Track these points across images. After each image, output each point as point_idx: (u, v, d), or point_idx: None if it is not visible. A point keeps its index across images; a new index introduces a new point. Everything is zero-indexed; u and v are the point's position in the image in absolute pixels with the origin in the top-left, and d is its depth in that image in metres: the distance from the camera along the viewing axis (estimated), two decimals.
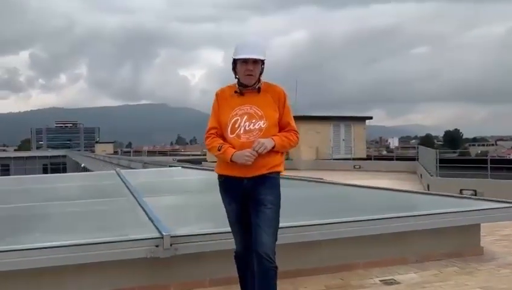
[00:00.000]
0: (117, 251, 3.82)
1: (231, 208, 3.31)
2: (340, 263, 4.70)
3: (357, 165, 24.18)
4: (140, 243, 3.88)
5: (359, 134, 28.33)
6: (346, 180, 18.13)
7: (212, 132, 3.30)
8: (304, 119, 26.41)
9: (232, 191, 3.26)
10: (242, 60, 3.16)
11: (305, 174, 22.31)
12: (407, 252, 4.97)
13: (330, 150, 26.22)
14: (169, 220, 4.51)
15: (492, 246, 5.86)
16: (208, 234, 4.08)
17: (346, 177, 19.49)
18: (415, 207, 5.22)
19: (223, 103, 3.29)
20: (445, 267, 4.85)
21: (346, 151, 27.05)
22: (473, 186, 10.89)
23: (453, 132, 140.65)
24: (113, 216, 4.63)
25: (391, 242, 4.88)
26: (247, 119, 3.19)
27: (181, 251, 3.96)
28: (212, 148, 3.26)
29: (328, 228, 4.49)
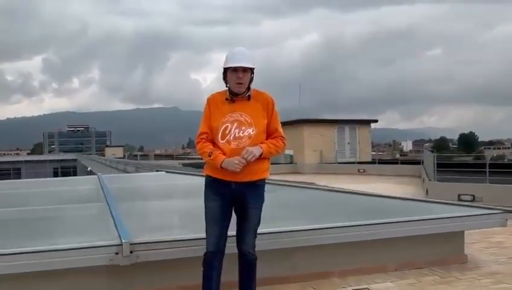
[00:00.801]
0: (75, 258, 3.72)
1: (213, 206, 3.39)
2: (314, 271, 4.54)
3: (362, 169, 23.90)
4: (100, 250, 3.77)
5: (364, 137, 28.00)
6: (348, 184, 18.01)
7: (203, 136, 3.41)
8: (307, 123, 26.24)
9: (219, 191, 3.38)
10: (232, 68, 3.31)
11: (308, 178, 22.20)
12: (387, 260, 4.79)
13: (334, 153, 25.95)
14: (138, 226, 4.41)
15: (480, 254, 5.65)
16: (170, 241, 3.96)
17: (348, 181, 19.29)
18: (394, 213, 5.03)
19: (214, 108, 3.41)
20: (424, 276, 4.67)
21: (351, 154, 26.77)
22: (472, 191, 10.64)
23: (468, 135, 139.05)
24: (80, 222, 4.54)
25: (369, 249, 4.71)
26: (237, 126, 3.33)
27: (142, 259, 3.85)
28: (203, 154, 3.38)
29: (300, 235, 4.34)
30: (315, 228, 4.39)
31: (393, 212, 5.08)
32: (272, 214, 4.94)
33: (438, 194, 11.12)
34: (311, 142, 25.78)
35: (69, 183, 6.52)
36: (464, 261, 5.13)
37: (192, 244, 3.97)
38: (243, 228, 3.42)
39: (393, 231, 4.55)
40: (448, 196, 10.82)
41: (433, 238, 4.89)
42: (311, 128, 26.07)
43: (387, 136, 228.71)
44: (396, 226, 4.56)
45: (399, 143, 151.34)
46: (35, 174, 54.05)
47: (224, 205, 3.39)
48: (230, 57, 3.36)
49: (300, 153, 25.79)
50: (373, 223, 4.50)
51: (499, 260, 5.37)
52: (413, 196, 11.78)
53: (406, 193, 13.58)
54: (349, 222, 4.56)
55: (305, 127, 25.91)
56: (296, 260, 4.50)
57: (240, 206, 3.41)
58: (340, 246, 4.53)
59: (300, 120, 26.62)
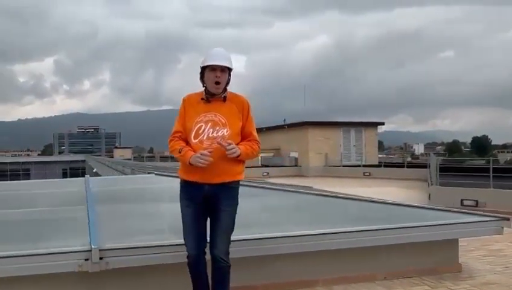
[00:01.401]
0: (42, 265, 3.58)
1: (187, 212, 3.36)
2: (297, 279, 4.35)
3: (367, 172, 23.58)
4: (68, 256, 3.62)
5: (370, 140, 27.64)
6: (350, 188, 17.77)
7: (176, 135, 3.39)
8: (312, 125, 25.97)
9: (192, 195, 3.32)
10: (211, 67, 3.29)
11: (309, 181, 21.97)
12: (375, 269, 4.59)
13: (340, 156, 25.67)
14: (114, 231, 4.26)
15: (476, 262, 5.43)
16: (143, 247, 3.80)
17: (352, 184, 19.04)
18: (382, 220, 4.82)
19: (189, 108, 3.39)
20: (414, 286, 4.46)
21: (356, 157, 26.43)
22: (475, 196, 10.35)
23: (481, 138, 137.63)
24: (53, 226, 4.39)
25: (357, 257, 4.51)
26: (211, 126, 3.30)
27: (113, 265, 3.69)
28: (174, 151, 3.36)
29: (282, 241, 4.15)
30: (297, 234, 4.20)
31: (381, 218, 4.87)
32: (256, 219, 4.78)
33: (441, 199, 10.86)
34: (315, 144, 25.51)
35: (54, 186, 6.38)
36: (458, 270, 4.91)
37: (168, 251, 3.83)
38: (215, 231, 3.34)
39: (379, 238, 4.35)
40: (450, 201, 10.58)
41: (425, 246, 4.68)
42: (316, 130, 25.78)
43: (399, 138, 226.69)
44: (382, 234, 4.36)
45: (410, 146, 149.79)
46: (44, 175, 54.33)
47: (198, 209, 3.34)
48: (209, 56, 3.34)
49: (305, 156, 25.54)
50: (358, 230, 4.31)
51: (495, 269, 5.14)
52: (416, 200, 11.54)
53: (409, 197, 13.31)
54: (333, 228, 4.36)
55: (310, 130, 25.65)
56: (278, 268, 4.32)
57: (212, 209, 3.34)
58: (324, 254, 4.34)
59: (305, 122, 26.37)
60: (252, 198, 5.38)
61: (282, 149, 28.00)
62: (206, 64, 3.32)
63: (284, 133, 28.16)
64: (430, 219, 4.75)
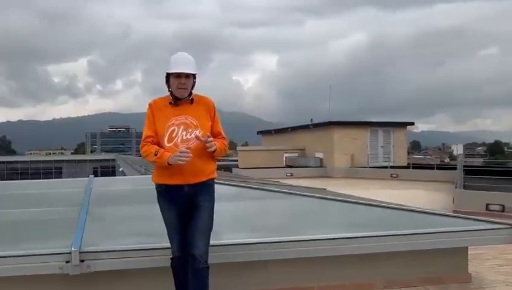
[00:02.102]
0: (23, 266, 3.53)
1: (171, 215, 3.37)
2: (290, 286, 4.17)
3: (394, 174, 22.98)
4: (50, 258, 3.56)
5: (399, 141, 26.90)
6: (376, 189, 17.37)
7: (149, 140, 3.37)
8: (338, 125, 25.50)
9: (174, 199, 3.34)
10: (175, 74, 3.30)
11: (337, 182, 21.59)
12: (374, 276, 4.36)
13: (366, 157, 25.13)
14: (104, 233, 4.17)
15: (489, 273, 5.11)
16: (128, 251, 3.70)
17: (378, 186, 18.59)
18: (385, 226, 4.57)
19: (158, 113, 3.39)
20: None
21: (384, 159, 25.83)
22: (501, 200, 9.84)
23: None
24: (42, 228, 4.34)
25: (355, 264, 4.29)
26: (184, 128, 3.33)
27: (96, 268, 3.61)
28: (149, 155, 3.31)
29: (275, 246, 3.98)
30: (291, 240, 4.01)
31: (381, 224, 4.63)
32: (250, 224, 4.61)
33: (465, 203, 10.39)
34: (341, 145, 25.01)
35: (57, 186, 6.37)
36: (466, 280, 4.62)
37: (153, 254, 3.74)
38: (195, 230, 3.30)
39: (378, 245, 4.11)
40: (475, 205, 10.12)
41: (430, 254, 4.42)
42: (342, 131, 25.28)
43: (437, 139, 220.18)
44: (380, 241, 4.11)
45: (449, 147, 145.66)
46: (75, 174, 55.54)
47: (181, 212, 3.35)
48: (173, 62, 3.35)
49: (330, 157, 25.10)
50: (353, 236, 4.08)
51: (508, 280, 4.81)
52: (441, 204, 11.09)
53: (434, 200, 12.85)
54: (331, 234, 4.15)
55: (336, 130, 25.16)
56: (271, 274, 4.15)
57: (191, 207, 3.33)
58: (320, 260, 4.14)
59: (330, 122, 25.92)
60: (249, 201, 5.24)
61: (307, 149, 27.65)
62: (170, 72, 3.33)
63: (309, 133, 27.79)
64: (436, 226, 4.48)
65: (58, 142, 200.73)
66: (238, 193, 5.32)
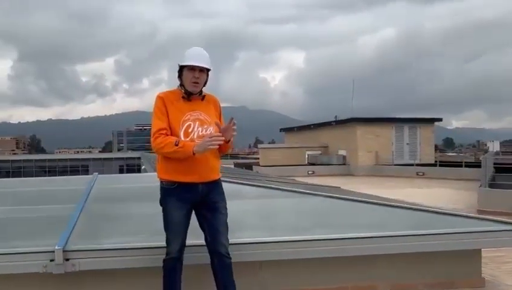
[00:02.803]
0: (8, 264, 3.47)
1: (179, 214, 3.24)
2: (286, 288, 3.96)
3: (421, 172, 22.35)
4: (35, 256, 3.46)
5: (426, 137, 26.08)
6: (400, 188, 16.91)
7: (162, 132, 3.21)
8: (361, 122, 24.97)
9: (186, 197, 3.22)
10: (189, 67, 3.23)
11: (360, 180, 21.16)
12: (377, 279, 4.13)
13: (391, 154, 24.54)
14: (96, 231, 4.04)
15: (506, 277, 4.82)
16: (114, 250, 3.58)
17: (402, 185, 18.08)
18: (390, 226, 4.32)
19: (170, 107, 3.27)
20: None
21: (410, 156, 25.17)
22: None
23: None
24: (31, 225, 4.25)
25: (357, 266, 4.07)
26: (199, 124, 3.26)
27: (80, 267, 3.50)
28: (167, 145, 3.14)
29: (270, 247, 3.78)
30: (286, 240, 3.80)
31: (390, 225, 4.37)
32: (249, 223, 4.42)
33: (490, 203, 9.90)
34: (365, 142, 24.47)
35: (59, 184, 6.32)
36: (480, 285, 4.34)
37: (140, 254, 3.61)
38: (217, 228, 3.26)
39: (378, 247, 3.86)
40: (502, 205, 9.63)
41: (439, 256, 4.15)
42: (365, 127, 24.70)
43: (472, 136, 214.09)
44: (383, 242, 3.87)
45: (484, 144, 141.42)
46: (101, 172, 56.21)
47: (189, 212, 3.27)
48: (188, 55, 3.27)
49: (353, 154, 24.62)
50: (356, 237, 3.85)
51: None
52: (466, 204, 10.62)
53: (458, 199, 12.37)
54: (331, 234, 3.92)
55: (358, 127, 24.60)
56: (265, 276, 3.96)
57: (207, 206, 3.27)
58: (317, 262, 3.92)
59: (353, 119, 25.40)
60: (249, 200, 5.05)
61: (330, 147, 27.22)
62: (185, 64, 3.25)
63: (331, 130, 27.32)
64: (445, 226, 4.20)
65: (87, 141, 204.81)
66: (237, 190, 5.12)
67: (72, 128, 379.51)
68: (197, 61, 3.23)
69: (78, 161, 63.14)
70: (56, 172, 60.25)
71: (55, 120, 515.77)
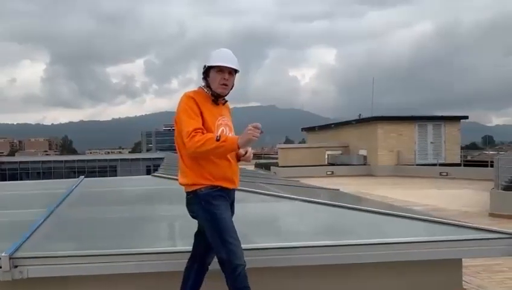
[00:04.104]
0: None
1: (227, 215, 3.04)
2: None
3: (444, 172, 21.68)
4: None
5: (452, 136, 25.17)
6: (419, 189, 16.41)
7: (199, 131, 2.96)
8: (382, 120, 24.41)
9: (228, 199, 3.10)
10: (218, 68, 3.06)
11: (379, 181, 20.67)
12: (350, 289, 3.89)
13: (414, 154, 23.88)
14: (56, 237, 3.98)
15: (496, 287, 4.54)
16: (67, 257, 3.48)
17: (423, 185, 17.54)
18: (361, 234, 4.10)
19: (204, 109, 3.06)
20: None
21: (435, 155, 24.39)
22: None
23: None
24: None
25: (325, 275, 3.84)
26: (228, 130, 3.13)
27: (30, 274, 3.41)
28: (208, 141, 2.89)
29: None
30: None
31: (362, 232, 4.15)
32: None
33: (503, 205, 9.45)
34: (386, 141, 23.89)
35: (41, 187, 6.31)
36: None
37: (95, 261, 3.47)
38: None
39: (345, 256, 3.64)
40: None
41: (417, 266, 3.89)
42: (387, 126, 24.08)
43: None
44: (349, 251, 3.64)
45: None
46: (129, 172, 57.15)
47: None
48: (217, 56, 3.09)
49: (374, 154, 24.12)
50: (323, 245, 3.65)
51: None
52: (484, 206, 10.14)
53: (475, 201, 11.86)
54: (295, 242, 3.73)
55: (379, 125, 24.01)
56: None
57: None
58: (283, 270, 3.73)
59: (374, 117, 24.86)
60: None
61: (351, 146, 26.73)
62: (214, 65, 3.06)
63: (352, 130, 26.81)
64: (418, 234, 3.97)
65: (117, 142, 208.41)
66: None
67: (103, 129, 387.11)
68: (227, 62, 3.06)
69: (107, 161, 64.29)
70: (85, 172, 61.60)
71: (87, 121, 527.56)
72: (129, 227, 4.20)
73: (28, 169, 58.71)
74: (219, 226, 2.96)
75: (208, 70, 3.09)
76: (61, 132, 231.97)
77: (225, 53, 3.11)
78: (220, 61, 3.04)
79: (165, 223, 4.43)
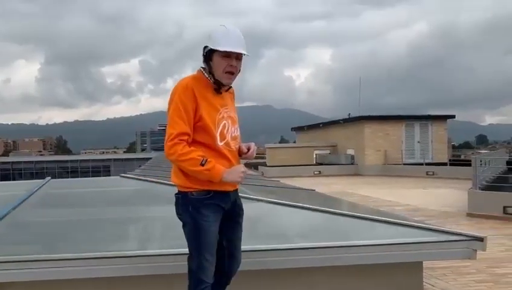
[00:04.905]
0: None
1: (215, 229, 2.70)
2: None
3: (431, 171, 21.66)
4: None
5: (439, 135, 25.17)
6: (404, 189, 16.34)
7: (184, 138, 2.58)
8: (369, 120, 24.36)
9: (221, 207, 2.71)
10: (224, 53, 2.59)
11: (366, 180, 20.60)
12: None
13: (401, 153, 23.84)
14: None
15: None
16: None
17: (408, 185, 17.46)
18: (318, 236, 4.00)
19: (203, 102, 2.62)
20: None
21: (422, 155, 24.36)
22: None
23: None
24: None
25: (278, 278, 3.74)
26: (231, 123, 2.74)
27: None
28: (192, 161, 2.55)
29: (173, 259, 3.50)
30: None
31: (319, 234, 4.06)
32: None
33: (480, 205, 9.36)
34: (373, 141, 23.83)
35: (3, 189, 6.18)
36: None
37: (26, 267, 3.31)
38: (236, 244, 2.85)
39: (296, 259, 3.54)
40: (490, 208, 9.14)
41: (372, 269, 3.80)
42: (374, 125, 23.98)
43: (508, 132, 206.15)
44: (301, 254, 3.54)
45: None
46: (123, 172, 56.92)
47: (218, 228, 2.74)
48: (223, 37, 2.59)
49: (361, 154, 24.07)
50: (266, 249, 3.53)
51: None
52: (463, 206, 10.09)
53: (456, 201, 11.80)
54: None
55: (367, 125, 23.96)
56: None
57: (229, 218, 2.79)
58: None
59: (361, 117, 24.78)
60: None
61: (339, 146, 26.67)
62: (220, 49, 2.58)
63: (340, 129, 26.75)
64: (374, 237, 3.88)
65: (112, 142, 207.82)
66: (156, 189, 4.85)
67: (98, 129, 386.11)
68: (236, 46, 2.58)
69: (100, 161, 64.00)
70: (78, 173, 61.25)
71: (82, 121, 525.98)
72: (82, 230, 4.07)
73: (20, 169, 58.40)
74: (201, 238, 2.64)
75: (211, 52, 2.62)
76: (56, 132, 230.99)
77: (233, 34, 2.61)
78: (228, 46, 2.57)
79: (123, 226, 4.30)
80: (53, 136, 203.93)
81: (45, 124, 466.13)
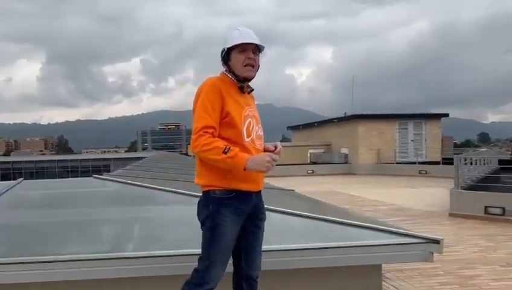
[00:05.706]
0: None
1: (233, 232, 2.68)
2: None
3: (423, 170, 21.65)
4: None
5: (433, 134, 25.11)
6: (393, 188, 16.31)
7: (209, 130, 2.58)
8: (363, 118, 24.32)
9: (243, 209, 2.69)
10: (240, 48, 2.68)
11: (359, 179, 20.57)
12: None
13: (394, 152, 23.79)
14: None
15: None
16: None
17: (399, 184, 17.43)
18: (278, 240, 3.98)
19: (229, 98, 2.66)
20: None
21: (415, 154, 24.30)
22: (502, 203, 8.76)
23: None
24: None
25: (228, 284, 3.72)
26: (255, 123, 2.76)
27: None
28: (214, 150, 2.53)
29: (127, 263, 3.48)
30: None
31: (276, 237, 4.01)
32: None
33: (461, 205, 9.34)
34: (367, 140, 23.81)
35: None
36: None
37: None
38: (255, 248, 2.80)
39: None
40: (473, 207, 9.13)
41: (331, 271, 3.79)
42: (367, 124, 23.95)
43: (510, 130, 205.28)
44: None
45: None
46: None
47: (238, 231, 2.71)
48: (237, 35, 2.71)
49: (355, 153, 24.05)
50: None
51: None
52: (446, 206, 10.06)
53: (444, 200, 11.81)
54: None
55: (360, 124, 23.94)
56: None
57: (250, 221, 2.75)
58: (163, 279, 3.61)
59: (354, 116, 24.76)
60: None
61: (333, 145, 26.64)
62: (235, 44, 2.68)
63: (335, 128, 26.74)
64: (337, 239, 3.84)
65: (113, 141, 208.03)
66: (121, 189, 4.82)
67: (100, 129, 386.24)
68: (250, 38, 2.68)
69: (100, 161, 63.94)
70: (78, 172, 61.26)
71: (83, 120, 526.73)
72: (45, 232, 4.06)
73: (21, 169, 58.43)
74: (215, 241, 2.61)
75: (228, 53, 2.72)
76: (58, 132, 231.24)
77: (246, 31, 2.74)
78: (241, 39, 2.67)
79: (88, 228, 4.27)
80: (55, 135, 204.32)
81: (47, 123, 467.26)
